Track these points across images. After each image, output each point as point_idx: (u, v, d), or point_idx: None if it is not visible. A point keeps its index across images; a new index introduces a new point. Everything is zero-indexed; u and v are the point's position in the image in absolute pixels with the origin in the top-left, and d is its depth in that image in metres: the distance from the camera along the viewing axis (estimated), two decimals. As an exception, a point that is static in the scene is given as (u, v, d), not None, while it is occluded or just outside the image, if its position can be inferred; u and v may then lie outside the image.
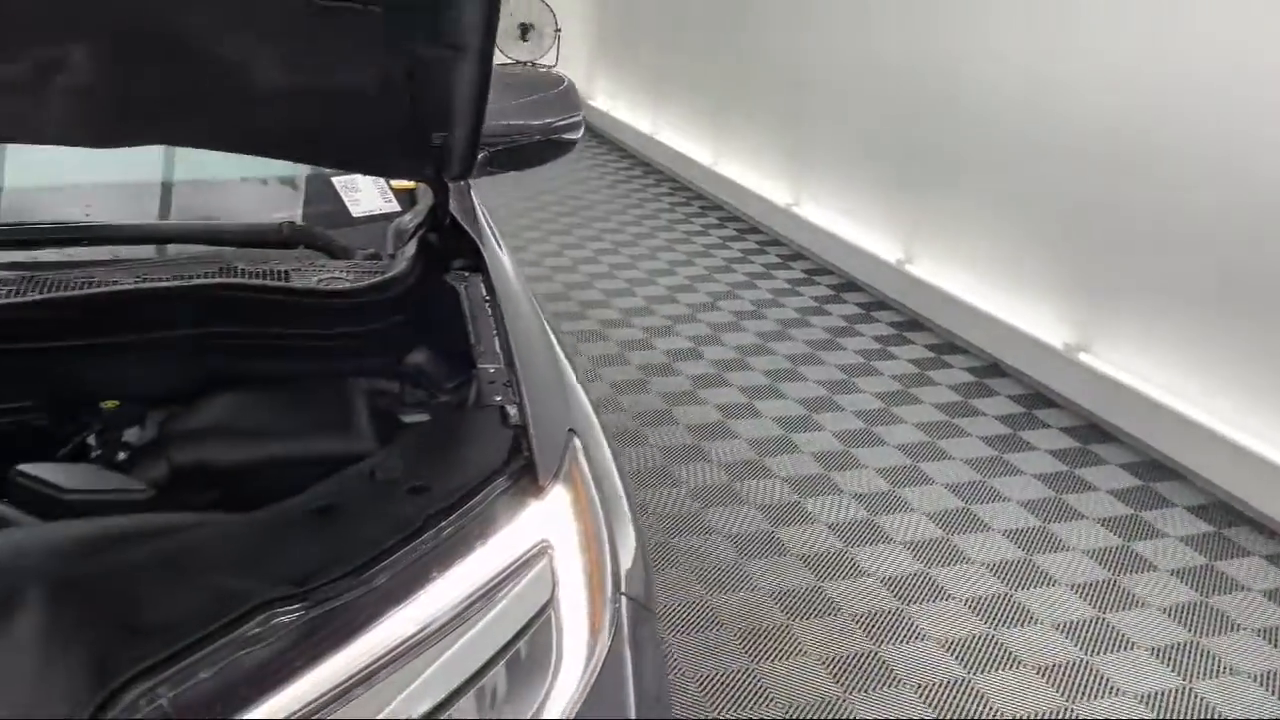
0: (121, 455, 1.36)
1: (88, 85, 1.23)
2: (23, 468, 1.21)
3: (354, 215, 1.82)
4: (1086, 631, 2.66)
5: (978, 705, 2.39)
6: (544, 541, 1.17)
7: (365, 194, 1.82)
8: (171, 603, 0.99)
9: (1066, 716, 2.37)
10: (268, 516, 1.14)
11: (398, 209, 1.85)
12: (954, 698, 2.41)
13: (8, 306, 1.37)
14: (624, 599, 1.22)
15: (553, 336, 1.62)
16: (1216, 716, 2.40)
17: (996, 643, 2.60)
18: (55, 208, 1.72)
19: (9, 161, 1.62)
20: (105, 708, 0.89)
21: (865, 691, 2.42)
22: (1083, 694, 2.44)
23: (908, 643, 2.58)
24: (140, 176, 1.98)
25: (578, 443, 1.33)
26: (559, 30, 7.24)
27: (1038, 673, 2.50)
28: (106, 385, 1.43)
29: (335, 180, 1.86)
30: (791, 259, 5.41)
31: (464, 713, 1.04)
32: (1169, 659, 2.58)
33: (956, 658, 2.54)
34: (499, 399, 1.34)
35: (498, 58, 1.62)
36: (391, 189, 1.86)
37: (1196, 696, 2.46)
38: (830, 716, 2.33)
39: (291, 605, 1.00)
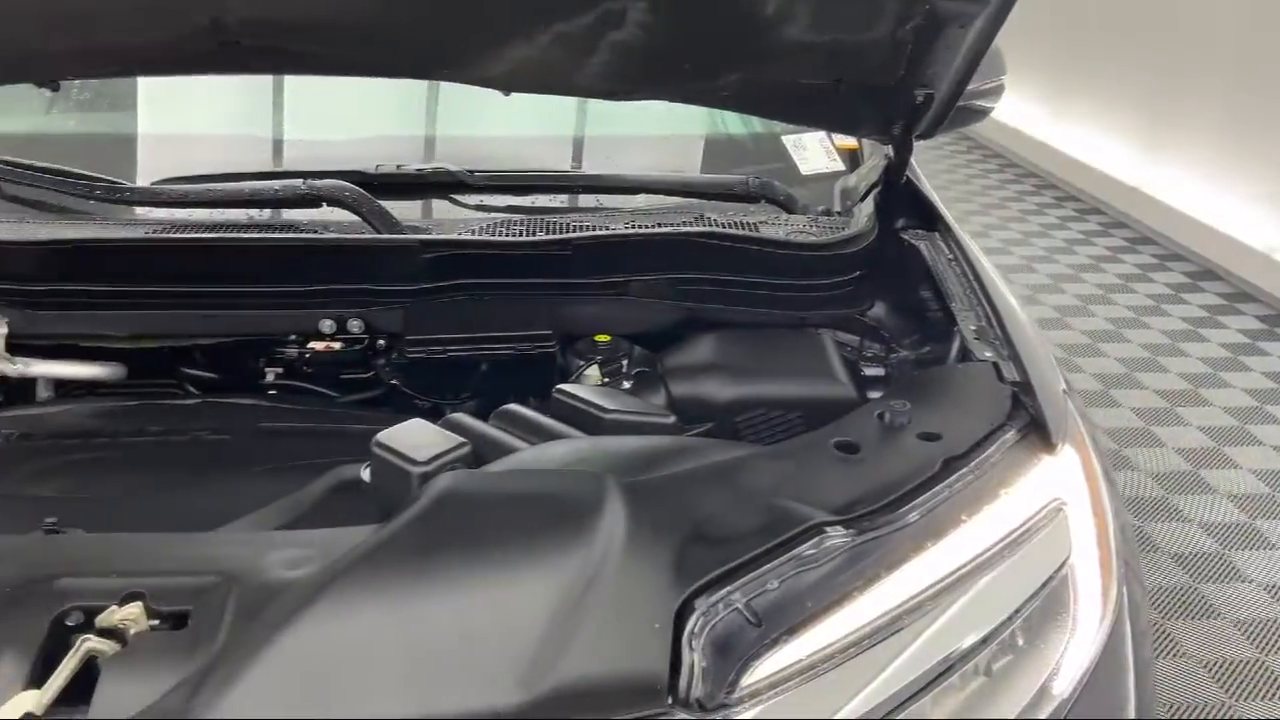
0: (626, 385, 1.46)
1: (632, 40, 1.30)
2: (564, 387, 1.31)
3: (803, 173, 1.86)
4: None
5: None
6: (1058, 499, 1.17)
7: (812, 152, 1.86)
8: (731, 517, 1.05)
9: None
10: (797, 447, 1.19)
11: (842, 168, 1.87)
12: (1356, 720, 2.23)
13: (531, 244, 1.50)
14: (1125, 565, 1.21)
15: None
16: None
17: (1403, 667, 2.38)
18: (540, 158, 1.85)
19: (501, 111, 1.73)
20: (686, 607, 0.97)
21: (1253, 700, 2.27)
22: None
23: (1299, 656, 2.41)
24: (577, 130, 2.09)
25: (1074, 405, 1.32)
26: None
27: None
28: (600, 320, 1.54)
29: (785, 139, 1.91)
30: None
31: (984, 658, 1.06)
32: None
33: (1356, 678, 2.35)
34: (989, 355, 1.34)
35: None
36: (835, 148, 1.89)
37: None
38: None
39: (840, 531, 1.05)
